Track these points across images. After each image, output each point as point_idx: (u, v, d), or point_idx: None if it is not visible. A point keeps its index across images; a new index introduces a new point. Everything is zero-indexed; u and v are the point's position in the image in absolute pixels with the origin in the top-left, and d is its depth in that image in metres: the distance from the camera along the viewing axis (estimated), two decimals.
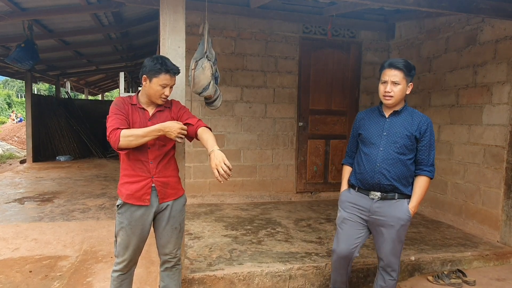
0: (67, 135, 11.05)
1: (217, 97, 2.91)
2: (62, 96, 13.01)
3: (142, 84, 2.26)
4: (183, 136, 2.21)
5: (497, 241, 3.96)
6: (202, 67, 2.75)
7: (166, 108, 2.37)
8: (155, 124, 2.24)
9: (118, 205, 2.31)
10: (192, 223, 4.32)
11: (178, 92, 2.68)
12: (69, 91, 15.24)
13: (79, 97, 20.03)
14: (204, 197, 5.34)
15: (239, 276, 3.04)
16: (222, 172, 2.02)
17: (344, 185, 2.67)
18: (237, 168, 5.43)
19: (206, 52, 2.79)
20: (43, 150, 10.55)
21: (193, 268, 3.07)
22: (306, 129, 5.65)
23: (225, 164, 2.03)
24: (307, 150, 5.68)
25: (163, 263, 2.50)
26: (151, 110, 2.32)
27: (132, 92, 19.15)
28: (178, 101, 2.49)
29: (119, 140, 2.09)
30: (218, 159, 2.05)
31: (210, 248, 3.55)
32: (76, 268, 3.44)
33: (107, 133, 2.14)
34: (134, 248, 2.33)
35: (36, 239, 4.12)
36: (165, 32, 2.63)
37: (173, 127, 2.16)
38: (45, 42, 6.79)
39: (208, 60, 2.80)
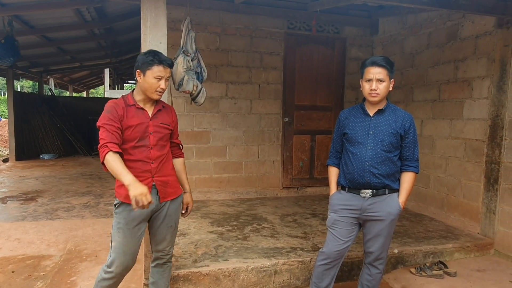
0: (51, 133, 10.88)
1: (199, 93, 2.90)
2: (46, 94, 12.79)
3: (136, 80, 2.23)
4: (136, 207, 1.98)
5: (478, 233, 4.05)
6: (176, 63, 2.74)
7: (164, 109, 2.36)
8: (156, 124, 2.26)
9: (115, 205, 2.26)
10: None
11: None
12: (52, 88, 15.00)
13: (64, 94, 19.72)
14: None
15: (225, 272, 3.05)
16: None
17: (333, 188, 2.65)
18: (223, 165, 5.43)
19: (183, 48, 2.77)
20: (26, 148, 10.37)
21: (178, 265, 3.06)
22: (291, 124, 5.67)
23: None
24: (292, 145, 5.71)
25: (155, 259, 2.50)
26: (150, 110, 2.29)
27: (117, 88, 18.95)
28: (175, 111, 2.48)
29: (103, 160, 2.07)
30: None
31: (196, 245, 3.55)
32: (60, 268, 3.41)
33: (99, 143, 2.12)
34: (132, 251, 2.27)
35: (19, 238, 4.06)
36: (146, 28, 2.60)
37: (141, 195, 1.93)
38: (27, 38, 6.66)
39: (186, 55, 2.78)
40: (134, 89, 2.32)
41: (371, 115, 2.47)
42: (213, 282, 3.02)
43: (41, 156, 10.35)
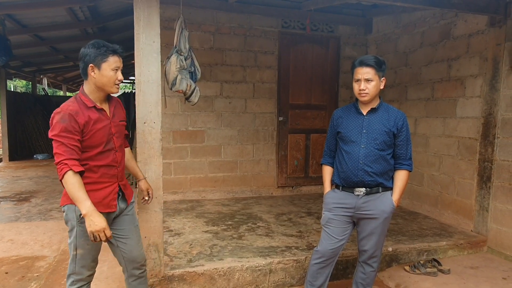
0: (45, 133, 10.80)
1: (192, 93, 2.89)
2: (39, 93, 12.70)
3: (87, 76, 2.03)
4: (98, 239, 1.96)
5: (471, 230, 4.08)
6: (169, 62, 2.73)
7: (117, 103, 2.21)
8: (116, 123, 2.14)
9: (80, 215, 2.02)
10: (172, 220, 4.30)
11: (154, 88, 2.65)
12: (46, 87, 14.88)
13: (57, 93, 19.59)
14: (185, 193, 5.32)
15: (220, 271, 3.05)
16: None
17: (327, 187, 2.65)
18: (217, 164, 5.42)
19: (176, 47, 2.77)
20: (20, 148, 10.31)
21: (173, 265, 3.06)
22: (286, 123, 5.67)
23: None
24: (287, 144, 5.71)
25: (132, 274, 2.34)
26: (107, 108, 2.13)
27: None
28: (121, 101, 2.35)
29: (61, 178, 1.92)
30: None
31: (191, 245, 3.54)
32: (53, 268, 3.39)
33: (55, 159, 1.94)
34: (99, 253, 2.22)
35: (12, 239, 4.04)
36: (139, 27, 2.58)
37: (101, 231, 1.93)
38: (19, 37, 6.61)
39: (179, 54, 2.77)
40: (83, 89, 2.09)
41: (364, 114, 2.48)
42: (208, 282, 3.02)
43: (34, 156, 10.27)
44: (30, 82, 12.63)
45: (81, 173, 1.99)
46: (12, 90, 16.60)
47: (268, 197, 5.58)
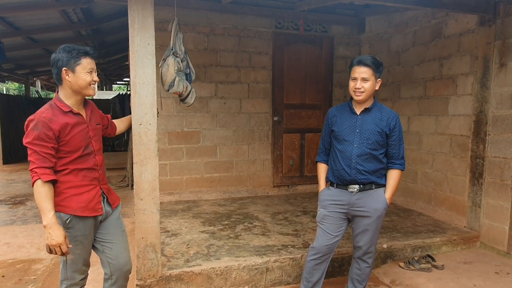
0: None
1: (189, 94, 2.91)
2: (32, 95, 12.63)
3: (62, 81, 2.03)
4: (54, 253, 1.96)
5: (464, 226, 4.14)
6: (167, 64, 2.75)
7: (91, 106, 2.23)
8: (93, 127, 2.15)
9: (67, 220, 2.04)
10: (169, 221, 4.32)
11: (150, 89, 2.66)
12: (39, 90, 14.81)
13: (51, 96, 19.49)
14: (181, 194, 5.33)
15: (217, 271, 3.07)
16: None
17: (322, 184, 2.70)
18: (213, 164, 5.44)
19: (172, 49, 2.79)
20: (14, 151, 10.25)
21: (170, 265, 3.08)
22: (281, 123, 5.71)
23: None
24: (282, 144, 5.75)
25: (116, 283, 2.28)
26: (83, 112, 2.14)
27: (105, 89, 18.74)
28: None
29: (33, 186, 1.94)
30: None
31: (188, 245, 3.56)
32: (50, 271, 3.40)
33: (30, 166, 1.95)
34: (89, 255, 2.21)
35: (8, 243, 4.03)
36: (133, 30, 2.60)
37: (57, 246, 1.92)
38: (12, 40, 6.59)
39: (175, 56, 2.80)
40: (58, 95, 2.08)
41: (358, 114, 2.53)
42: (205, 281, 3.05)
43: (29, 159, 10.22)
44: (23, 85, 12.56)
45: (53, 182, 1.97)
46: (4, 92, 16.49)
47: (264, 196, 5.61)
